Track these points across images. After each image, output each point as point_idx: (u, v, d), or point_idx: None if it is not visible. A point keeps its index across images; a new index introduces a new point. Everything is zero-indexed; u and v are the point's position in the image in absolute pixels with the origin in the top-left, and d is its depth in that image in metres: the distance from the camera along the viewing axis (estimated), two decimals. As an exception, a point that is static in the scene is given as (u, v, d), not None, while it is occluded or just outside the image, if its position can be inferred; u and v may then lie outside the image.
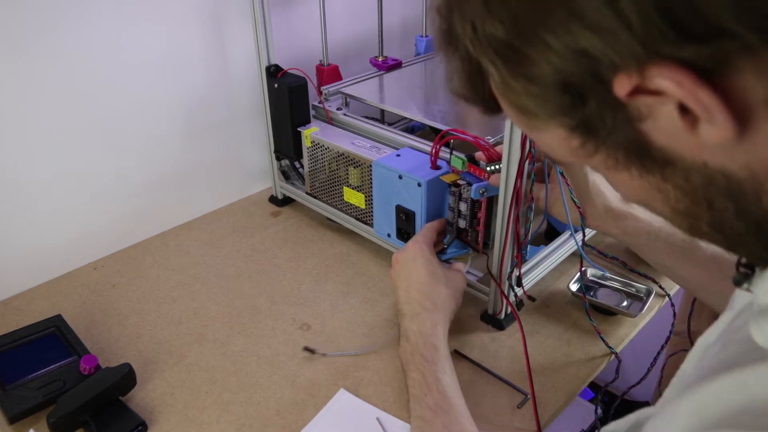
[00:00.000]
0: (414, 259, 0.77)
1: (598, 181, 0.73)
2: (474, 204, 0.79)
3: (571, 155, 0.35)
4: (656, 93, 0.28)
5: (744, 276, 0.36)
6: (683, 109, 0.28)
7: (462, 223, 0.82)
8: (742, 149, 0.29)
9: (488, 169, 0.74)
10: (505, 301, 0.80)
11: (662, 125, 0.30)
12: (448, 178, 0.80)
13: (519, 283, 0.79)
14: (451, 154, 0.80)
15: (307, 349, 0.79)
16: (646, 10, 0.26)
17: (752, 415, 0.29)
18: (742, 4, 0.24)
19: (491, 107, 0.38)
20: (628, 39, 0.27)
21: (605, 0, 0.26)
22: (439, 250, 0.83)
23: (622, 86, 0.29)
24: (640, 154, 0.33)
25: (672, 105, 0.28)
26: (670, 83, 0.27)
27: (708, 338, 0.42)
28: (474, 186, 0.75)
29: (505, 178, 0.71)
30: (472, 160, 0.77)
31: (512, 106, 0.35)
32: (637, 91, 0.28)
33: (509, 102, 0.35)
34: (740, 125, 0.28)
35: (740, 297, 0.40)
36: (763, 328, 0.32)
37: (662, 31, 0.26)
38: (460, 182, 0.79)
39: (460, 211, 0.81)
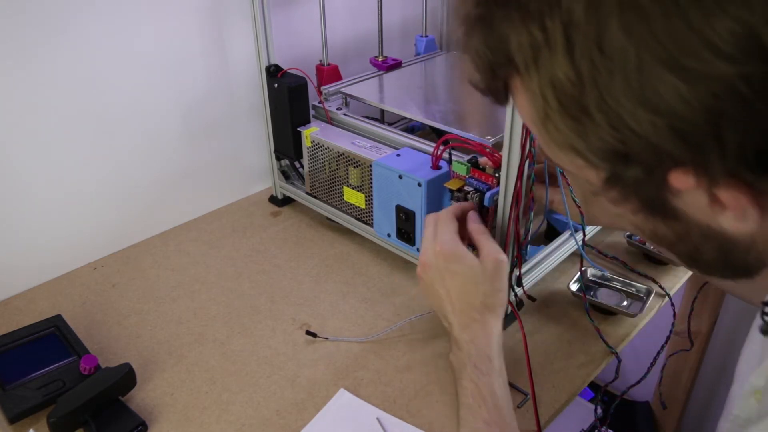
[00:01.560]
0: (446, 262, 0.69)
1: None
2: (483, 210, 0.79)
3: (584, 181, 0.36)
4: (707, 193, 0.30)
5: None
6: (716, 199, 0.30)
7: None
8: (755, 227, 0.32)
9: (497, 175, 0.74)
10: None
11: (688, 201, 0.31)
12: (452, 185, 0.79)
13: (519, 283, 0.79)
14: (450, 161, 0.80)
15: (309, 333, 0.80)
16: (745, 145, 0.27)
17: None
18: None
19: (501, 101, 0.37)
20: (718, 161, 0.28)
21: (712, 123, 0.27)
22: None
23: (679, 181, 0.30)
24: (654, 208, 0.34)
25: (707, 195, 0.30)
26: (730, 198, 0.30)
27: (757, 383, 0.43)
28: (488, 194, 0.74)
29: (505, 179, 0.71)
30: (476, 165, 0.77)
31: (537, 132, 0.34)
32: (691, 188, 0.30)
33: (537, 128, 0.34)
34: (763, 219, 0.31)
35: None
36: None
37: (750, 165, 0.28)
38: (467, 188, 0.79)
39: None
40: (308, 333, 0.81)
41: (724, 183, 0.29)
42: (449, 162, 0.81)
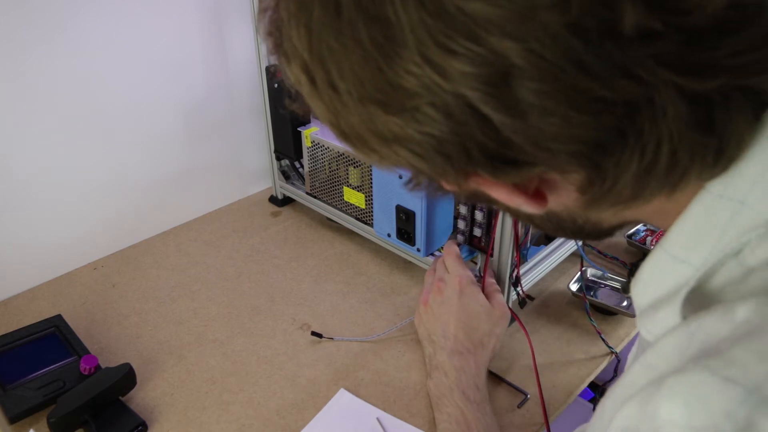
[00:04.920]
0: (461, 294, 0.74)
1: None
2: (491, 212, 0.78)
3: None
4: None
5: (628, 284, 0.42)
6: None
7: (478, 232, 0.81)
8: (555, 202, 0.35)
9: None
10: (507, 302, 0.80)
11: (490, 192, 0.35)
12: None
13: (517, 284, 0.79)
14: None
15: (314, 333, 0.81)
16: (470, 153, 0.30)
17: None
18: (548, 154, 0.29)
19: None
20: (451, 169, 0.32)
21: (436, 143, 0.30)
22: None
23: (447, 185, 0.35)
24: (470, 198, 0.40)
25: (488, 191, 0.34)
26: (489, 191, 0.33)
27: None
28: None
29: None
30: None
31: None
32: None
33: None
34: (548, 197, 0.34)
35: None
36: (646, 326, 0.37)
37: (482, 164, 0.31)
38: None
39: (474, 219, 0.81)
40: (314, 333, 0.81)
41: (472, 181, 0.33)
42: None
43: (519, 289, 0.80)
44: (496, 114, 0.28)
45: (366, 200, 0.92)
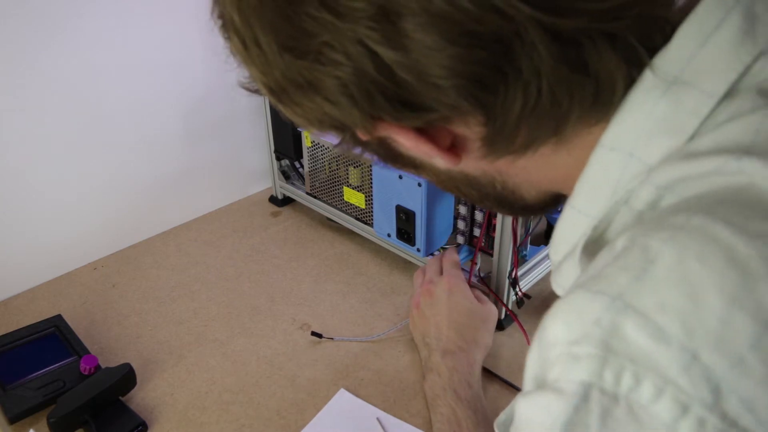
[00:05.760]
0: (450, 294, 0.75)
1: None
2: (490, 212, 0.78)
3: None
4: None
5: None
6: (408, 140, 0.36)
7: (478, 232, 0.81)
8: (468, 162, 0.38)
9: None
10: (505, 302, 0.80)
11: (405, 147, 0.37)
12: None
13: (515, 284, 0.79)
14: None
15: (314, 333, 0.81)
16: (371, 94, 0.32)
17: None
18: (437, 91, 0.32)
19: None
20: (358, 113, 0.34)
21: (340, 85, 0.33)
22: None
23: (361, 134, 0.36)
24: (394, 159, 0.41)
25: (404, 139, 0.36)
26: (397, 137, 0.35)
27: None
28: None
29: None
30: None
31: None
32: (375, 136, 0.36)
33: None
34: (460, 154, 0.37)
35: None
36: (556, 280, 0.41)
37: (384, 107, 0.33)
38: None
39: (474, 219, 0.81)
40: (314, 333, 0.81)
41: (380, 127, 0.35)
42: None
43: (517, 288, 0.80)
44: (383, 49, 0.30)
45: (366, 200, 0.92)
